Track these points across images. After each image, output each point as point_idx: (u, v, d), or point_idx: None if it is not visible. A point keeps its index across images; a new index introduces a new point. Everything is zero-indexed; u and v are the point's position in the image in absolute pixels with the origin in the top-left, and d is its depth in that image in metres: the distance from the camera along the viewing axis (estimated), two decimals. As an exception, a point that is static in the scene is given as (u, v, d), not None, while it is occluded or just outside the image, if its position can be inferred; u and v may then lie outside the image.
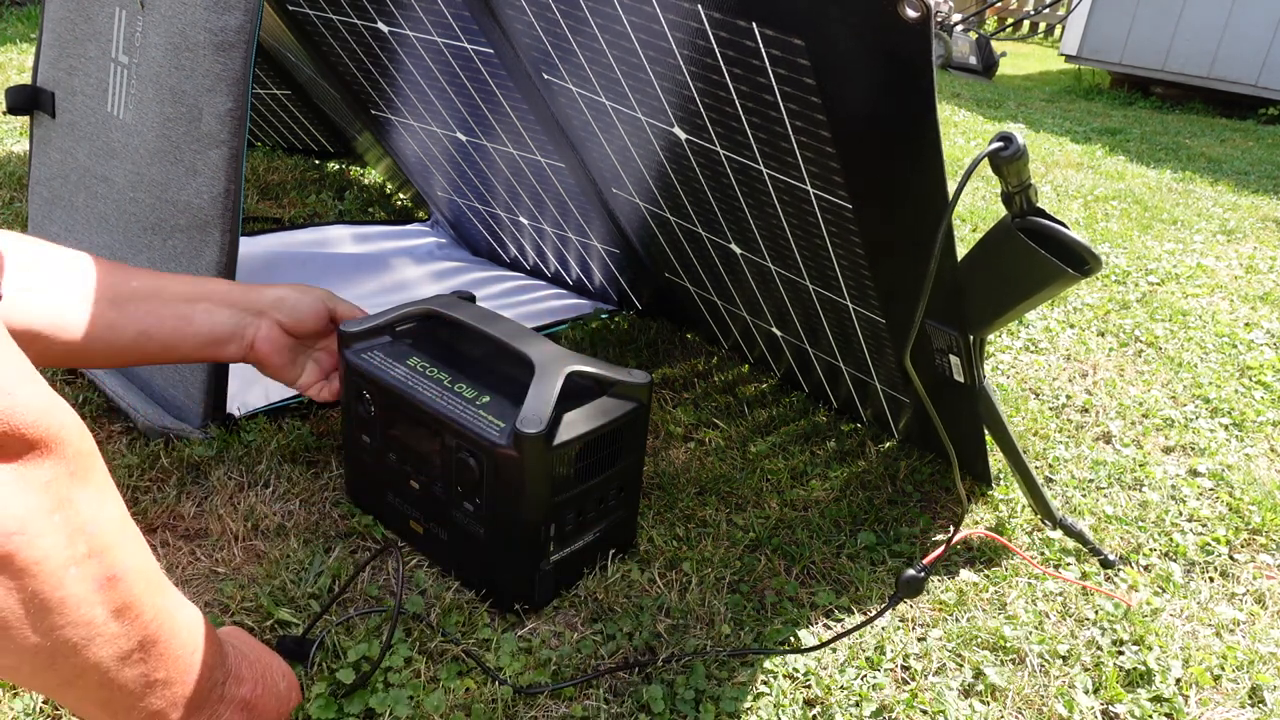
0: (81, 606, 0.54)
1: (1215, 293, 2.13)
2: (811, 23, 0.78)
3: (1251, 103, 4.83)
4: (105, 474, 0.57)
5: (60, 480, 0.52)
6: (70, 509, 0.53)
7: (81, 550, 0.54)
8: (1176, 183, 3.17)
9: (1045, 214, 0.93)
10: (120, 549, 0.57)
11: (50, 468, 0.52)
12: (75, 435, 0.54)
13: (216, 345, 0.99)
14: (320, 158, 2.44)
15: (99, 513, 0.55)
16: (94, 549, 0.54)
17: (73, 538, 0.53)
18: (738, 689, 0.90)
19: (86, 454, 0.55)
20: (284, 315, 1.01)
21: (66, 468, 0.53)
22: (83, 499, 0.54)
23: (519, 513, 0.91)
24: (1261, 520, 1.25)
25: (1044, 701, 0.92)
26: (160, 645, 0.61)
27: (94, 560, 0.54)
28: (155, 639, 0.60)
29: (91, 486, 0.55)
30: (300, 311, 1.02)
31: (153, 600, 0.60)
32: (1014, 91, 5.22)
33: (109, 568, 0.56)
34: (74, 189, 1.29)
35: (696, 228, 1.30)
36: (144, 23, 1.13)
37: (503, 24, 1.20)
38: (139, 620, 0.58)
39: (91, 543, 0.54)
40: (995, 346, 1.74)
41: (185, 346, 0.96)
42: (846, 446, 1.35)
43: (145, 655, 0.60)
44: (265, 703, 0.73)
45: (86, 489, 0.54)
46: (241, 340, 1.00)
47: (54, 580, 0.52)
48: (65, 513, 0.53)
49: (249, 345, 1.00)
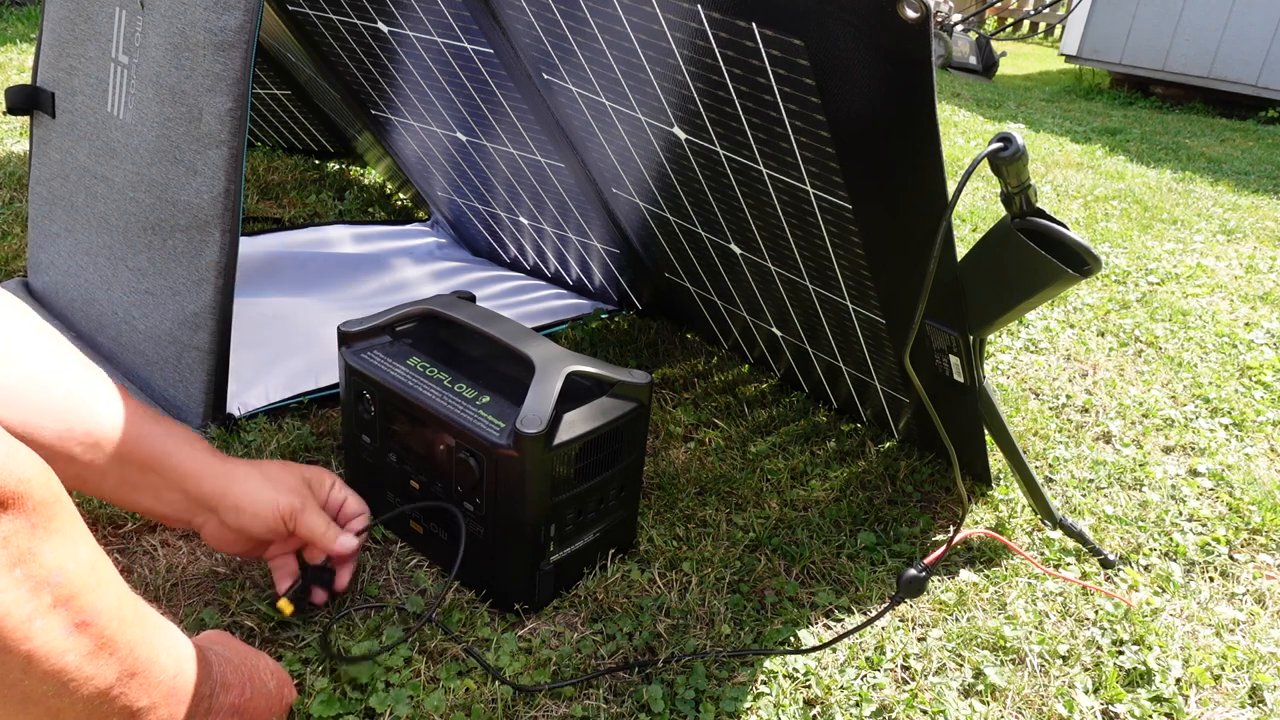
0: (51, 656, 0.54)
1: (1215, 293, 2.13)
2: (811, 23, 0.78)
3: (1252, 103, 4.83)
4: (72, 518, 0.56)
5: (20, 534, 0.51)
6: (32, 562, 0.52)
7: (46, 601, 0.53)
8: (1176, 183, 3.17)
9: (1045, 214, 0.93)
10: (90, 593, 0.56)
11: (8, 523, 0.51)
12: (36, 487, 0.53)
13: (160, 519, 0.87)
14: (320, 158, 2.44)
15: (65, 561, 0.55)
16: (60, 597, 0.54)
17: (36, 590, 0.52)
18: (738, 689, 0.90)
19: (49, 503, 0.54)
20: (233, 523, 0.87)
21: (27, 521, 0.52)
22: (46, 550, 0.53)
23: (519, 513, 0.91)
24: (1261, 520, 1.25)
25: (1044, 701, 0.92)
26: (140, 676, 0.61)
27: (61, 609, 0.54)
28: (134, 672, 0.60)
29: (56, 536, 0.54)
30: (247, 528, 0.87)
31: (128, 637, 0.59)
32: (1014, 91, 5.22)
33: (78, 613, 0.55)
34: (74, 189, 1.29)
35: (696, 228, 1.30)
36: (144, 22, 1.13)
37: (503, 24, 1.20)
38: (115, 658, 0.58)
39: (58, 592, 0.54)
40: (995, 346, 1.74)
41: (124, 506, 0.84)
42: (846, 446, 1.35)
43: (126, 689, 0.59)
44: (255, 704, 0.73)
45: (51, 540, 0.54)
46: (189, 526, 0.89)
47: (19, 634, 0.52)
48: (26, 566, 0.52)
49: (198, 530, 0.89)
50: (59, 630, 0.54)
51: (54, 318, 1.39)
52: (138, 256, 1.21)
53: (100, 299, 1.29)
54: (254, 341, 1.42)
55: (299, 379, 1.34)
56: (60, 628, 0.54)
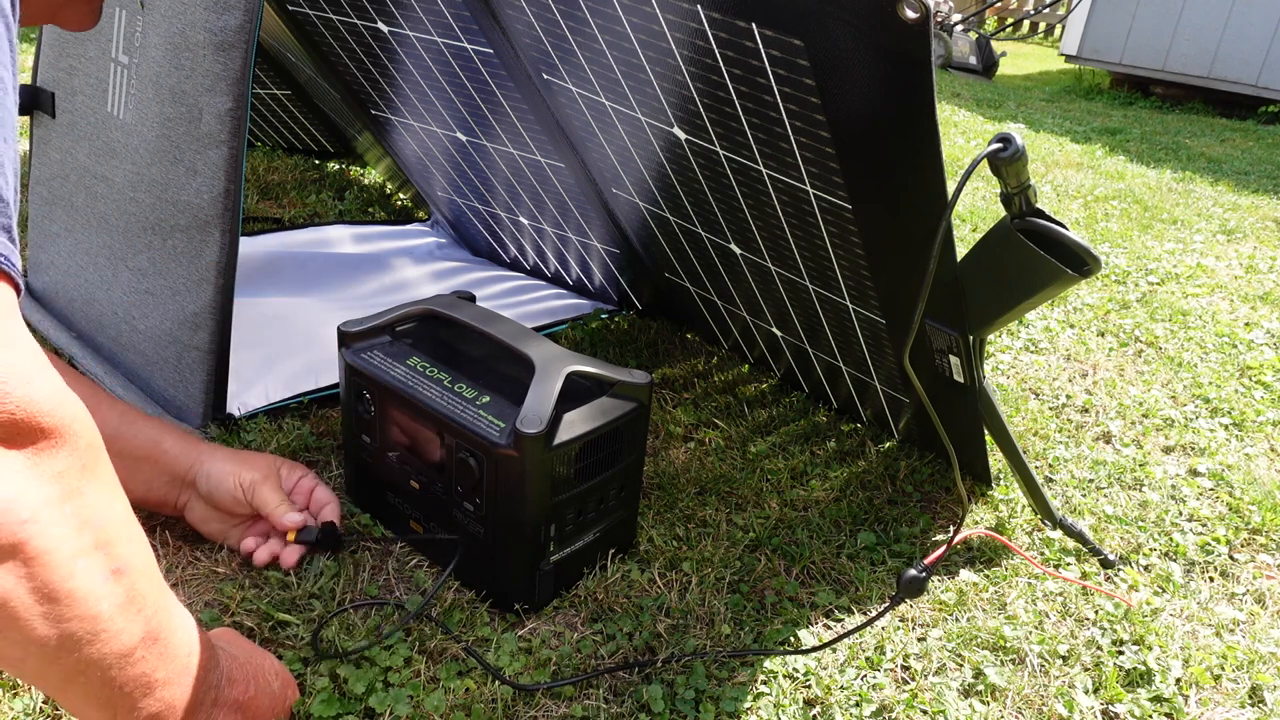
0: (89, 599, 0.54)
1: (1215, 292, 2.13)
2: (811, 23, 0.78)
3: (1252, 103, 4.83)
4: (111, 469, 0.57)
5: (72, 471, 0.52)
6: (80, 500, 0.53)
7: (89, 542, 0.54)
8: (1176, 183, 3.17)
9: (1045, 215, 0.93)
10: (126, 543, 0.57)
11: (64, 458, 0.52)
12: (86, 429, 0.54)
13: (151, 505, 0.98)
14: (320, 158, 2.44)
15: (107, 507, 0.56)
16: (101, 541, 0.55)
17: (82, 529, 0.53)
18: (738, 689, 0.90)
19: (96, 448, 0.55)
20: (203, 491, 0.97)
21: (79, 460, 0.53)
22: (92, 492, 0.54)
23: (519, 513, 0.91)
24: (1261, 520, 1.25)
25: (1044, 701, 0.92)
26: (161, 643, 0.61)
27: (101, 552, 0.55)
28: (157, 635, 0.60)
29: (100, 480, 0.55)
30: (212, 494, 0.97)
31: (155, 597, 0.60)
32: (1014, 91, 5.22)
33: (115, 560, 0.56)
34: (74, 189, 1.29)
35: (696, 228, 1.30)
36: (144, 22, 1.13)
37: (503, 24, 1.20)
38: (142, 614, 0.59)
39: (99, 535, 0.55)
40: (995, 346, 1.74)
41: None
42: (846, 446, 1.35)
43: (147, 653, 0.60)
44: (259, 702, 0.74)
45: (96, 482, 0.55)
46: (175, 507, 0.99)
47: (64, 571, 0.52)
48: (75, 504, 0.53)
49: (180, 513, 1.00)
50: (98, 573, 0.55)
51: (54, 318, 1.39)
52: (138, 256, 1.21)
53: (100, 299, 1.29)
54: (254, 341, 1.42)
55: (299, 379, 1.34)
56: (99, 571, 0.55)
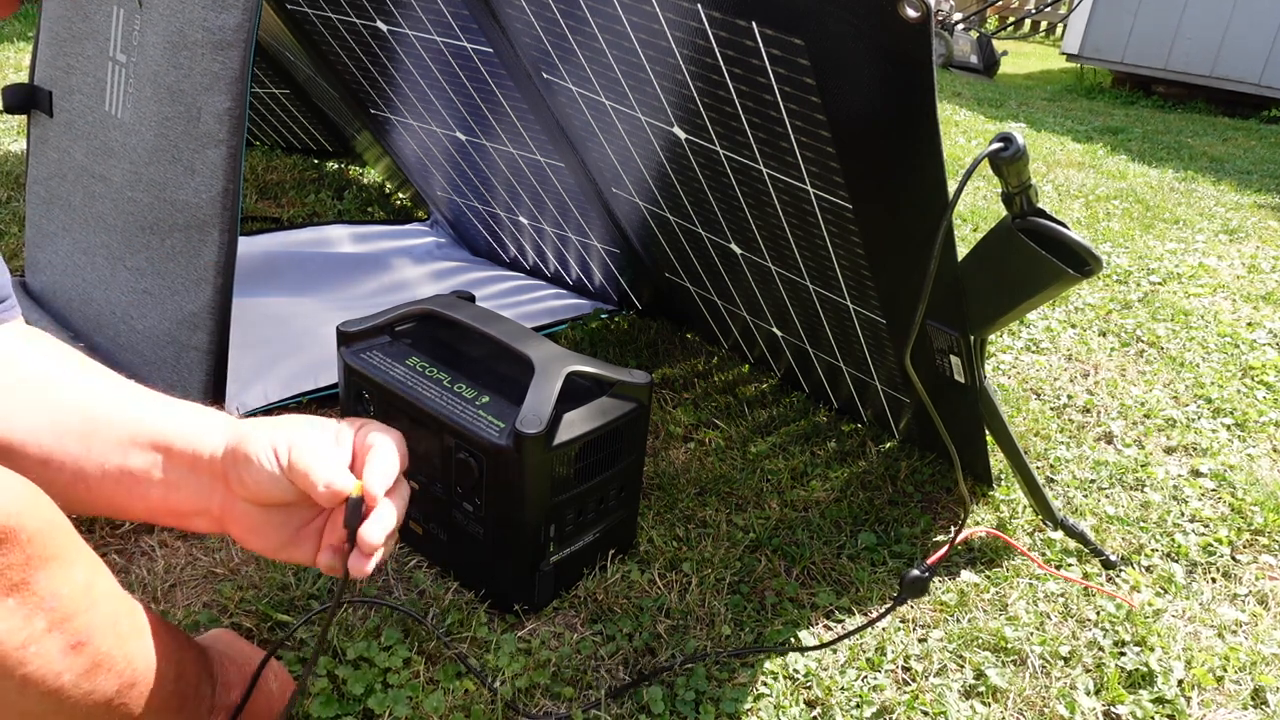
0: (48, 678, 0.54)
1: (1217, 292, 2.13)
2: (811, 22, 0.77)
3: (1254, 102, 4.83)
4: (67, 539, 0.56)
5: (14, 568, 0.52)
6: (25, 591, 0.53)
7: (41, 627, 0.54)
8: (1179, 182, 3.17)
9: (1046, 214, 0.93)
10: (85, 614, 0.57)
11: (3, 558, 0.51)
12: (29, 519, 0.53)
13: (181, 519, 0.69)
14: (319, 157, 2.43)
15: (60, 586, 0.55)
16: (54, 621, 0.55)
17: (30, 618, 0.53)
18: (738, 690, 0.89)
19: (43, 531, 0.54)
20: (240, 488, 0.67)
21: (22, 554, 0.52)
22: (40, 578, 0.54)
23: (519, 513, 0.90)
24: (1264, 521, 1.25)
25: (1045, 703, 0.91)
26: (139, 686, 0.61)
27: (56, 632, 0.55)
28: (134, 682, 0.61)
29: (51, 562, 0.54)
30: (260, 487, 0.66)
31: (125, 650, 0.60)
32: (1015, 91, 5.21)
33: (74, 635, 0.56)
34: (71, 188, 1.29)
35: (696, 228, 1.29)
36: (142, 21, 1.12)
37: (502, 23, 1.20)
38: (113, 672, 0.59)
39: (52, 616, 0.54)
40: (996, 346, 1.74)
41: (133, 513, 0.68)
42: (847, 447, 1.34)
43: (125, 699, 0.60)
44: (257, 704, 0.74)
45: (45, 567, 0.54)
46: (209, 515, 0.69)
47: (13, 659, 0.52)
48: (20, 595, 0.53)
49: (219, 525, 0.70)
50: (55, 652, 0.55)
51: (51, 317, 1.39)
52: (136, 256, 1.21)
53: (98, 298, 1.28)
54: (253, 341, 1.42)
55: (298, 379, 1.34)
56: (56, 650, 0.55)
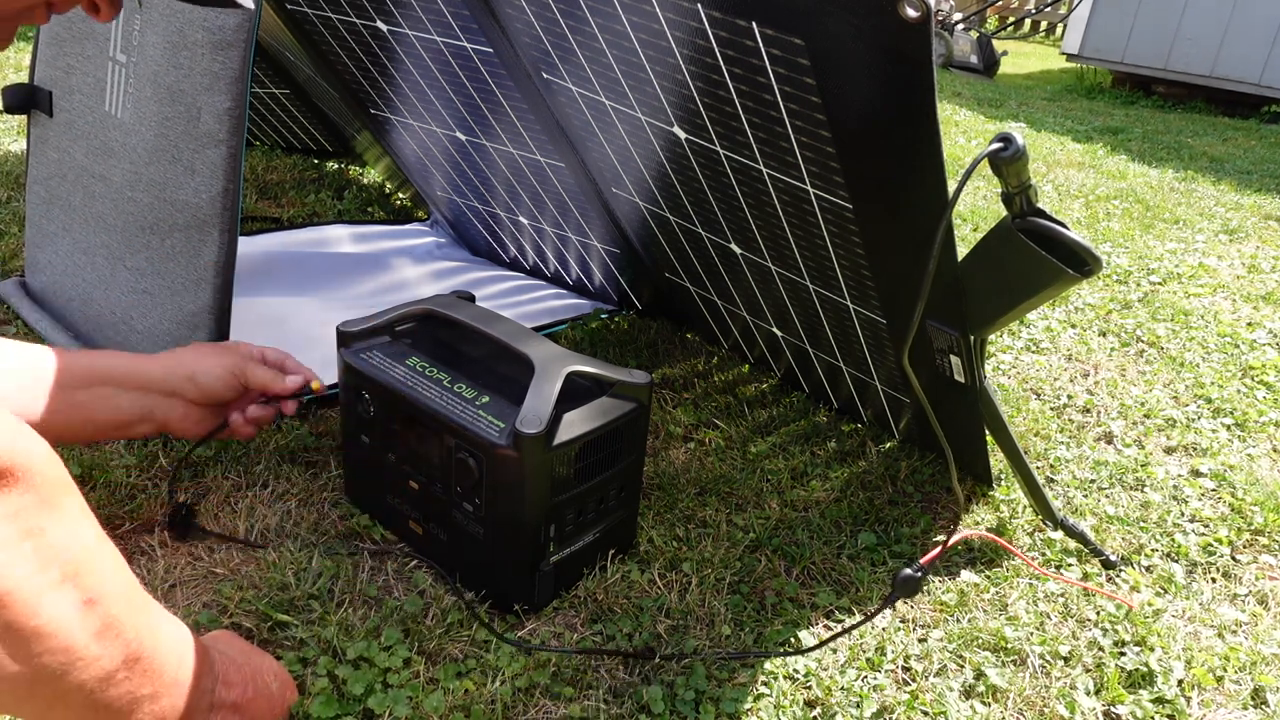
0: (60, 633, 0.54)
1: (1217, 292, 2.13)
2: (811, 22, 0.77)
3: (1254, 102, 4.83)
4: (77, 498, 0.57)
5: (29, 510, 0.52)
6: (41, 537, 0.53)
7: (55, 576, 0.54)
8: (1179, 182, 3.17)
9: (1046, 214, 0.93)
10: (96, 572, 0.57)
11: (17, 498, 0.52)
12: (43, 463, 0.54)
13: (122, 429, 0.96)
14: (319, 157, 2.43)
15: (72, 538, 0.55)
16: (68, 574, 0.55)
17: (46, 565, 0.53)
18: (738, 690, 0.89)
19: (56, 481, 0.55)
20: (195, 393, 0.98)
21: (35, 496, 0.53)
22: (54, 526, 0.54)
23: (519, 513, 0.90)
24: (1264, 521, 1.25)
25: (1045, 703, 0.91)
26: (144, 662, 0.61)
27: (69, 585, 0.55)
28: (138, 656, 0.60)
29: (62, 512, 0.55)
30: (210, 388, 0.99)
31: (133, 619, 0.60)
32: (1015, 91, 5.21)
33: (86, 590, 0.56)
34: (71, 188, 1.29)
35: (696, 227, 1.29)
36: (142, 21, 1.12)
37: (502, 23, 1.20)
38: (120, 639, 0.59)
39: (65, 569, 0.54)
40: (996, 346, 1.74)
41: (84, 433, 0.94)
42: (847, 447, 1.34)
43: (130, 674, 0.60)
44: (256, 705, 0.73)
45: (57, 515, 0.54)
46: (152, 421, 0.97)
47: (28, 609, 0.52)
48: (35, 541, 0.53)
49: (161, 425, 0.99)
50: (68, 605, 0.55)
51: (51, 317, 1.39)
52: (136, 256, 1.21)
53: (98, 299, 1.28)
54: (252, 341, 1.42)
55: (298, 379, 1.34)
56: (69, 603, 0.55)
